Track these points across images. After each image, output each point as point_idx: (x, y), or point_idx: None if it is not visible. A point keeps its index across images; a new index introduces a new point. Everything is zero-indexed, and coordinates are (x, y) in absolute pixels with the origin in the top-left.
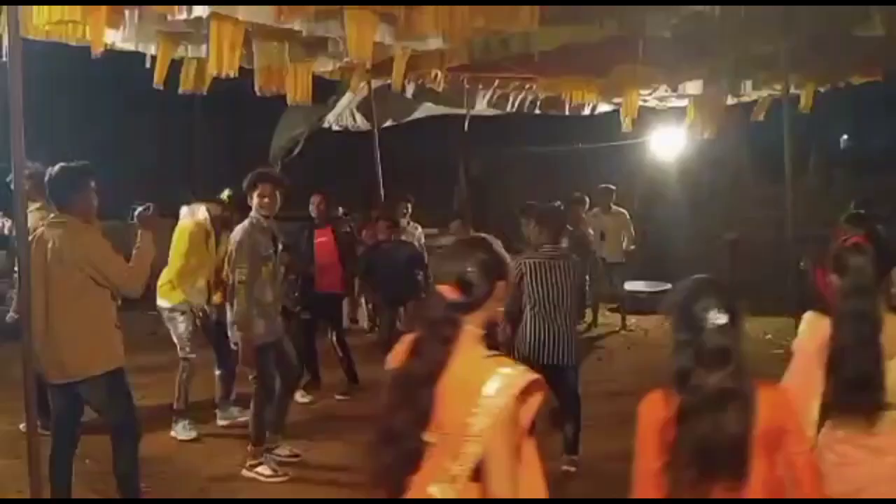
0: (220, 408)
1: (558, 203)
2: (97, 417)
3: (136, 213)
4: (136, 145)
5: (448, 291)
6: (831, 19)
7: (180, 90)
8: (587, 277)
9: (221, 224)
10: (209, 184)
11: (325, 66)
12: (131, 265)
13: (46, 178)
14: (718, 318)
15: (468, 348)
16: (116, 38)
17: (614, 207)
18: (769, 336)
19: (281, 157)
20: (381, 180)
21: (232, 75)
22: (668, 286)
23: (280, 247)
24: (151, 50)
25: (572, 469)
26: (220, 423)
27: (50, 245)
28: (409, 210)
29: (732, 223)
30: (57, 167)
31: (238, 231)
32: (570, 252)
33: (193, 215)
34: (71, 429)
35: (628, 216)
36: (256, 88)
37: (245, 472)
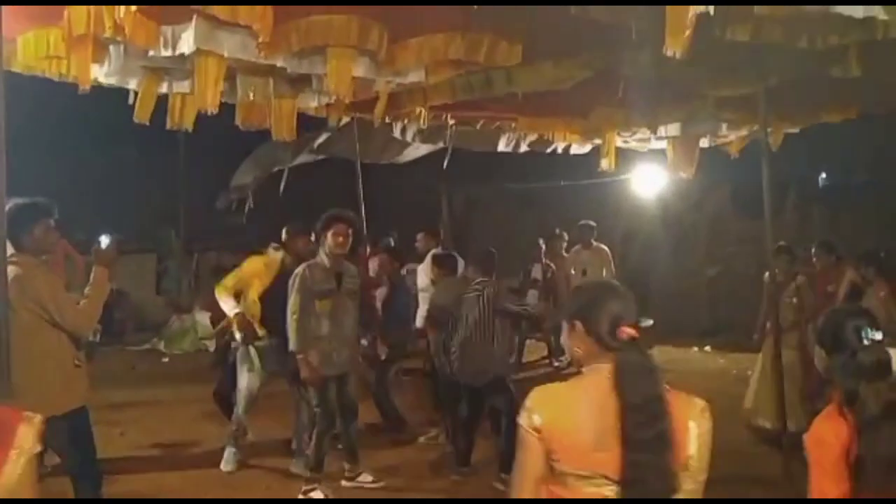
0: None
1: (541, 240)
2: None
3: (93, 248)
4: (120, 180)
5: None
6: (808, 61)
7: (167, 126)
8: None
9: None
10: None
11: (308, 103)
12: (82, 304)
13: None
14: (874, 335)
15: None
16: (100, 73)
17: (595, 244)
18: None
19: (237, 195)
20: (363, 216)
21: (213, 112)
22: (650, 322)
23: (349, 285)
24: (134, 85)
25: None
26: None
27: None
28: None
29: (712, 259)
30: (10, 204)
31: (299, 267)
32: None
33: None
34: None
35: (609, 252)
36: (238, 122)
37: (300, 496)
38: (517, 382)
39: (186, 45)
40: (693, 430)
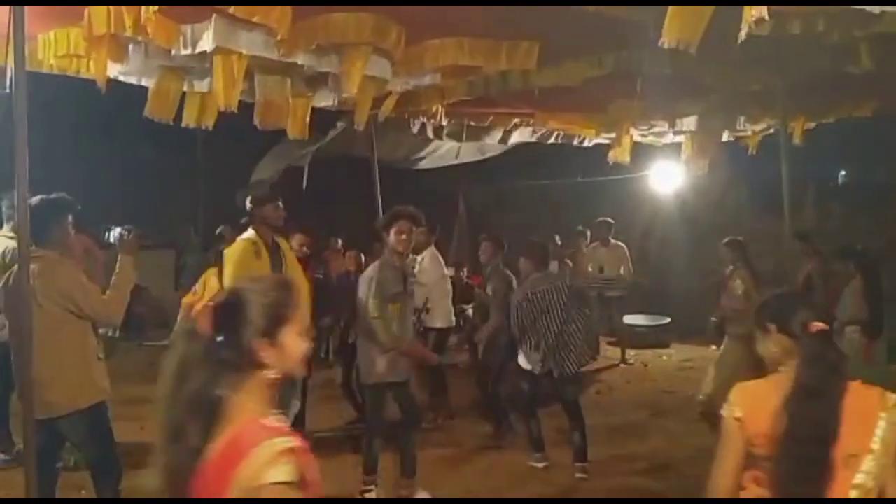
0: None
1: (557, 236)
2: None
3: (118, 237)
4: (137, 177)
5: None
6: (824, 56)
7: (184, 124)
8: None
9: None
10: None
11: (325, 101)
12: (109, 294)
13: None
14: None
15: None
16: (120, 72)
17: (613, 241)
18: None
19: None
20: (380, 211)
21: (233, 110)
22: (667, 320)
23: (411, 286)
24: (153, 84)
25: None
26: None
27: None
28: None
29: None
30: (33, 200)
31: (370, 269)
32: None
33: None
34: (52, 464)
35: (627, 250)
36: (256, 122)
37: (358, 496)
38: None
39: (206, 43)
40: (881, 422)
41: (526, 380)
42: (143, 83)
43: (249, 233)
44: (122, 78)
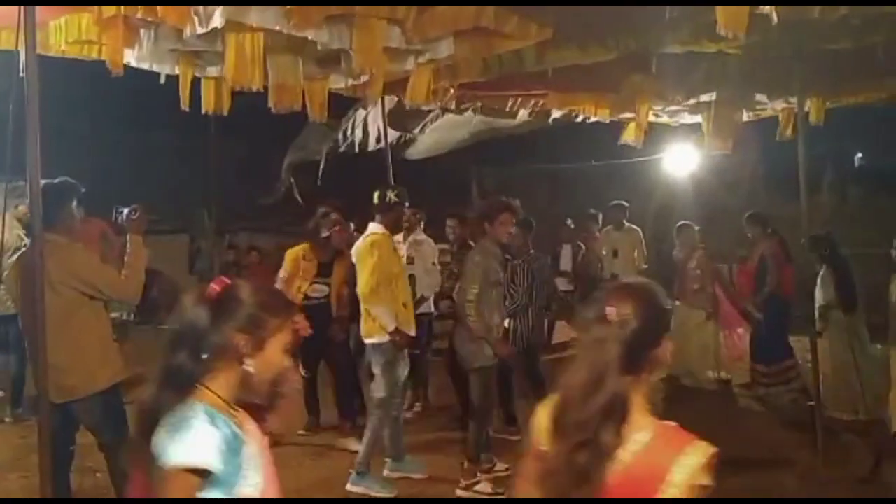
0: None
1: (569, 220)
2: None
3: (124, 216)
4: (151, 163)
5: None
6: (843, 34)
7: (203, 111)
8: None
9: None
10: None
11: (339, 84)
12: (124, 273)
13: None
14: None
15: None
16: (132, 57)
17: (627, 224)
18: None
19: (292, 173)
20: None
21: (254, 89)
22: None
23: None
24: (166, 70)
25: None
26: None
27: None
28: (422, 224)
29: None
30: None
31: (476, 251)
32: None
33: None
34: (67, 446)
35: (641, 233)
36: (271, 105)
37: (460, 493)
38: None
39: (217, 19)
40: None
41: None
42: (155, 69)
43: (380, 227)
44: (133, 63)
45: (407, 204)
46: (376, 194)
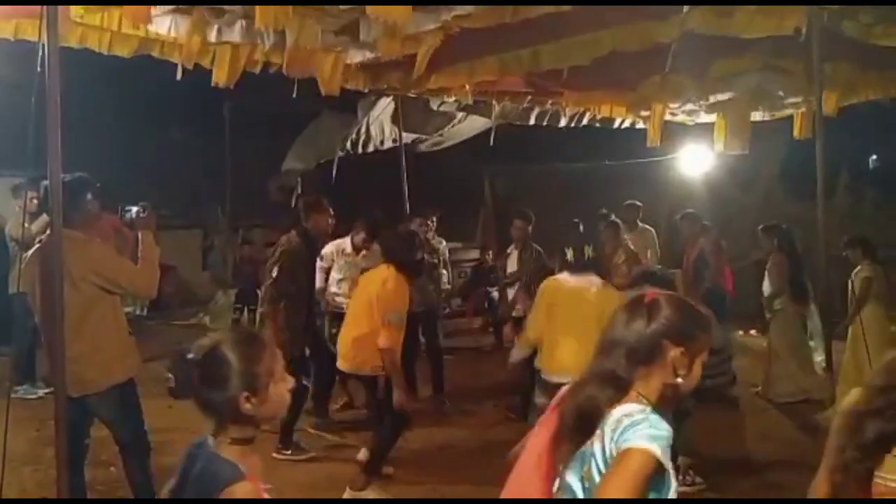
0: None
1: (576, 220)
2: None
3: (133, 215)
4: (165, 158)
5: None
6: (859, 32)
7: (212, 83)
8: None
9: None
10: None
11: (354, 59)
12: (140, 266)
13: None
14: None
15: None
16: (153, 15)
17: (640, 224)
18: None
19: (286, 181)
20: (406, 195)
21: (282, 28)
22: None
23: None
24: (184, 31)
25: None
26: None
27: None
28: (434, 224)
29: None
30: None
31: None
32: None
33: None
34: (82, 440)
35: (654, 234)
36: (284, 69)
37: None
38: None
39: None
40: None
41: None
42: (172, 32)
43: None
44: (152, 28)
45: None
46: None
